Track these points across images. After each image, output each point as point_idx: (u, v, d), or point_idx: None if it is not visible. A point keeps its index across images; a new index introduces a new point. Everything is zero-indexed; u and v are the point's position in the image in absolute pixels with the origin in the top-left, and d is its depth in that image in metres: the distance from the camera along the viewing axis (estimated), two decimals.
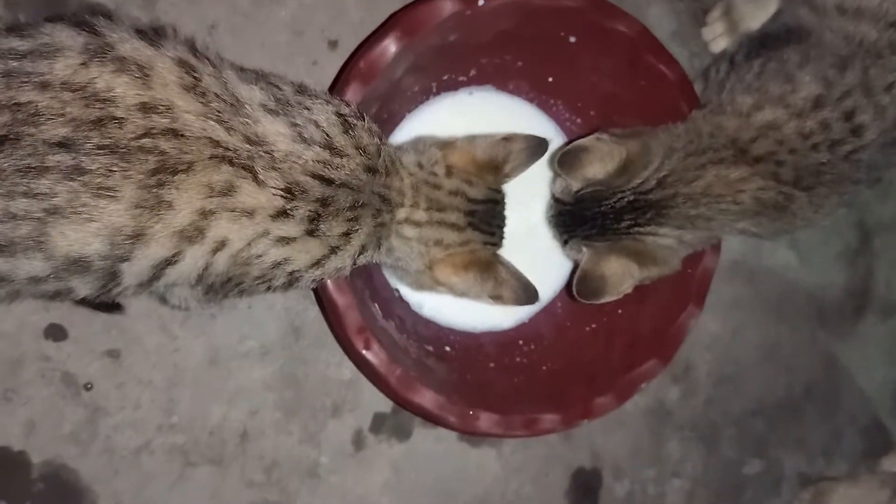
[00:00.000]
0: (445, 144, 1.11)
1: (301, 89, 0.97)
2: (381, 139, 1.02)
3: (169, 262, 0.85)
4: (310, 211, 0.91)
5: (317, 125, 0.93)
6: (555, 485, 1.48)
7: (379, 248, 1.04)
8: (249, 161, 0.86)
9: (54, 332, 1.23)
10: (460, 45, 1.23)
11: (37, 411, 1.22)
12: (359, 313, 1.12)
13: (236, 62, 0.96)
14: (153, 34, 0.88)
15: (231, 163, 0.85)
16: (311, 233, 0.92)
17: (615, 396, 1.25)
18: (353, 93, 1.11)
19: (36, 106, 0.79)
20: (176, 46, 0.88)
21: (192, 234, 0.84)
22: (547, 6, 1.21)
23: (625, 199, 1.15)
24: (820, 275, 1.67)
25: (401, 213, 1.04)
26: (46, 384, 1.23)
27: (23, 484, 1.22)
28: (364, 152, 0.97)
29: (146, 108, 0.82)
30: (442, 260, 1.07)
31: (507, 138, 1.12)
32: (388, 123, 1.29)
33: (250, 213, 0.87)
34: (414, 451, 1.40)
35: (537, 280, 1.40)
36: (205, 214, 0.84)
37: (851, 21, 1.21)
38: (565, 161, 1.13)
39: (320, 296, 1.15)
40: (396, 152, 1.06)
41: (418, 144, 1.11)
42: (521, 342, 1.39)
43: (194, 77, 0.86)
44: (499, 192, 1.15)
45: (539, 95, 1.40)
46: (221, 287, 0.94)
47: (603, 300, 1.14)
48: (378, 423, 1.38)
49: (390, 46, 1.13)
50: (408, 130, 1.32)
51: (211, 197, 0.84)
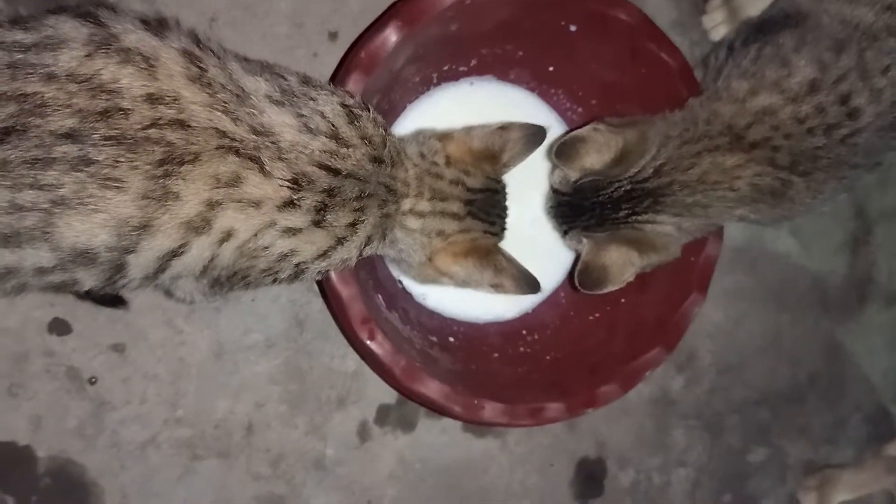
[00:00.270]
0: (444, 135, 1.11)
1: (306, 80, 0.97)
2: (386, 130, 1.02)
3: (175, 254, 0.85)
4: (317, 201, 0.90)
5: (322, 116, 0.93)
6: (559, 474, 1.48)
7: (384, 240, 1.04)
8: (256, 152, 0.86)
9: (58, 327, 1.23)
10: (461, 35, 1.23)
11: (42, 406, 1.22)
12: (363, 304, 1.12)
13: (239, 54, 0.96)
14: (157, 25, 0.88)
15: (237, 153, 0.85)
16: (318, 223, 0.92)
17: (620, 385, 1.25)
18: (355, 83, 1.11)
19: (42, 97, 0.79)
20: (180, 38, 0.88)
21: (199, 225, 0.84)
22: None
23: (622, 189, 1.15)
24: (822, 263, 1.67)
25: (406, 204, 1.04)
26: (51, 379, 1.23)
27: (29, 479, 1.22)
28: (369, 143, 0.97)
29: (152, 99, 0.81)
30: (442, 249, 1.07)
31: (504, 127, 1.12)
32: (390, 114, 1.29)
33: (257, 204, 0.87)
34: (419, 443, 1.40)
35: (540, 270, 1.40)
36: (211, 205, 0.84)
37: (848, 4, 1.21)
38: (563, 152, 1.13)
39: (324, 287, 1.15)
40: (400, 143, 1.06)
41: (419, 136, 1.11)
42: (525, 332, 1.39)
43: (199, 68, 0.86)
44: (498, 182, 1.15)
45: (540, 85, 1.40)
46: (228, 280, 0.94)
47: (606, 290, 1.14)
48: (383, 415, 1.38)
49: (391, 36, 1.12)
50: (409, 121, 1.32)
51: (217, 188, 0.84)
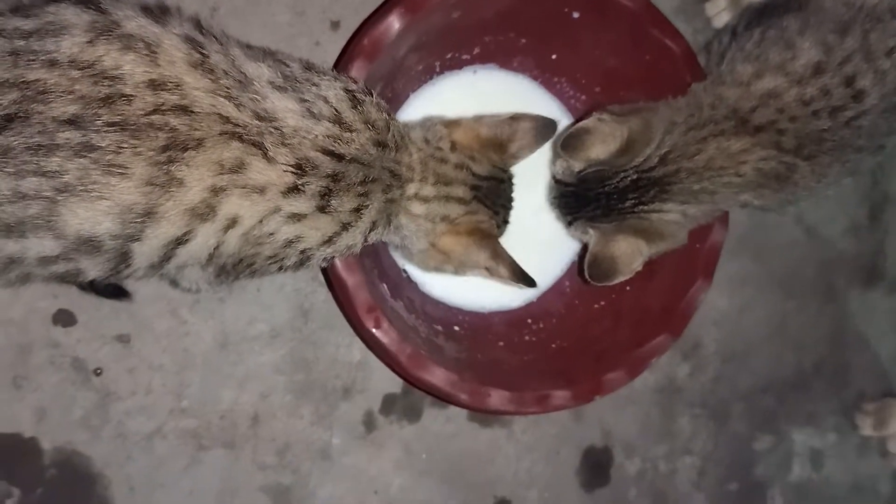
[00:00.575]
0: (451, 122, 1.11)
1: (308, 66, 0.97)
2: (390, 114, 1.01)
3: (180, 242, 0.85)
4: (321, 187, 0.90)
5: (325, 101, 0.93)
6: (566, 463, 1.48)
7: (389, 226, 1.04)
8: (259, 137, 0.86)
9: (63, 318, 1.23)
10: (464, 23, 1.22)
11: (47, 397, 1.22)
12: (368, 293, 1.12)
13: (241, 41, 0.96)
14: (159, 12, 0.87)
15: (241, 139, 0.85)
16: (323, 209, 0.91)
17: (626, 372, 1.25)
18: (357, 70, 1.11)
19: (44, 83, 0.78)
20: (182, 24, 0.88)
21: (204, 212, 0.84)
22: None
23: (628, 179, 1.15)
24: (828, 250, 1.67)
25: (410, 189, 1.03)
26: (56, 370, 1.23)
27: (34, 470, 1.22)
28: (373, 127, 0.96)
29: (155, 85, 0.81)
30: (445, 232, 1.07)
31: (515, 117, 1.12)
32: (393, 102, 1.28)
33: (261, 190, 0.86)
34: (425, 432, 1.40)
35: (545, 259, 1.41)
36: (216, 191, 0.84)
37: None
38: (569, 144, 1.13)
39: (330, 276, 1.15)
40: (404, 128, 1.06)
41: (425, 122, 1.11)
42: (530, 321, 1.38)
43: (202, 54, 0.85)
44: (504, 172, 1.14)
45: (543, 73, 1.39)
46: (233, 268, 0.93)
47: (616, 281, 1.14)
48: (388, 405, 1.38)
49: (394, 23, 1.12)
50: (412, 109, 1.32)
51: (222, 174, 0.83)
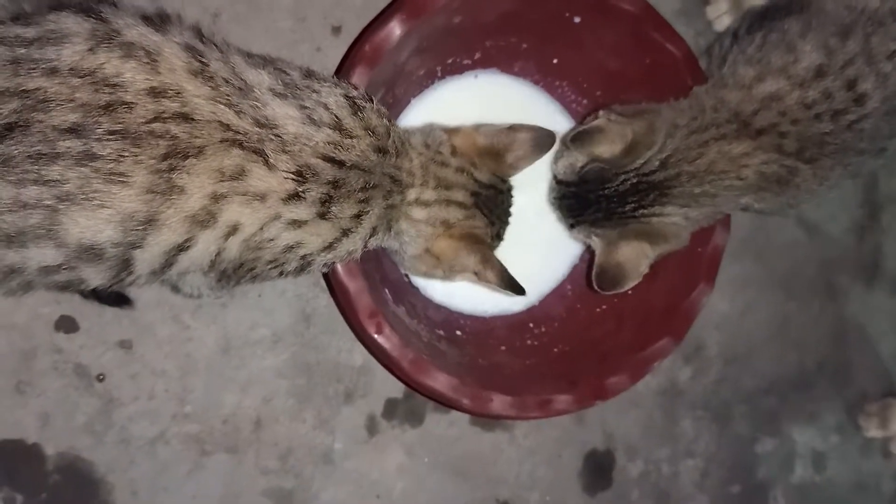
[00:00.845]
0: (451, 129, 1.11)
1: (309, 73, 0.97)
2: (390, 120, 1.02)
3: (181, 248, 0.85)
4: (322, 193, 0.90)
5: (326, 108, 0.93)
6: (568, 466, 1.48)
7: (389, 231, 1.04)
8: (260, 144, 0.86)
9: (66, 324, 1.23)
10: (465, 27, 1.23)
11: (50, 403, 1.23)
12: (370, 298, 1.12)
13: (242, 49, 0.96)
14: (159, 21, 0.88)
15: (241, 146, 0.85)
16: (323, 215, 0.92)
17: (628, 376, 1.25)
18: (359, 77, 1.11)
19: (45, 92, 0.79)
20: (182, 32, 0.88)
21: (205, 219, 0.84)
22: None
23: (628, 182, 1.15)
24: (829, 250, 1.67)
25: (411, 194, 1.03)
26: (59, 376, 1.23)
27: (38, 476, 1.22)
28: (373, 133, 0.97)
29: (156, 93, 0.81)
30: (441, 235, 1.07)
31: (513, 128, 1.12)
32: (394, 108, 1.29)
33: (262, 197, 0.87)
34: (427, 436, 1.40)
35: (547, 262, 1.42)
36: (216, 199, 0.84)
37: None
38: (579, 139, 1.13)
39: (331, 281, 1.15)
40: (405, 133, 1.06)
41: (425, 128, 1.11)
42: (532, 325, 1.38)
43: (202, 62, 0.86)
44: (503, 182, 1.14)
45: (545, 77, 1.39)
46: (234, 273, 0.94)
47: (626, 287, 1.14)
48: (391, 409, 1.38)
49: (395, 29, 1.12)
50: (414, 115, 1.32)
51: (222, 181, 0.84)
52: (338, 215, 0.93)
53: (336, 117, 0.93)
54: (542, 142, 1.13)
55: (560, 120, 1.40)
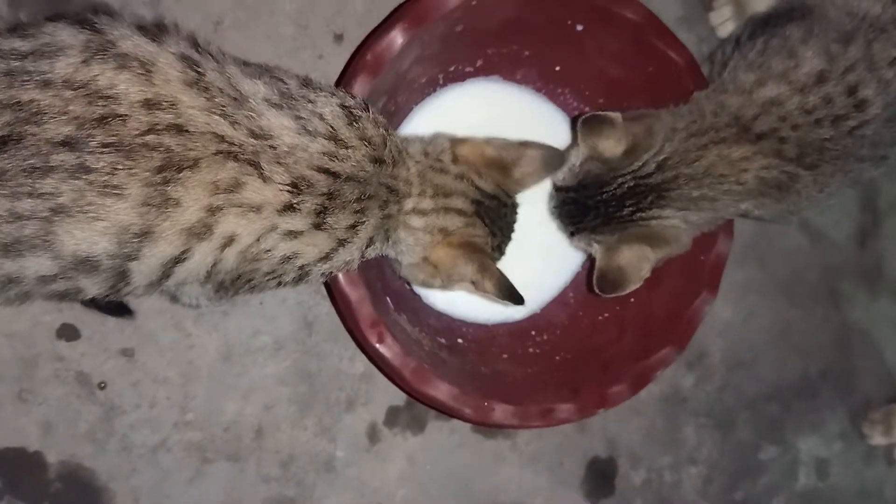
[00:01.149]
0: (456, 139, 1.10)
1: (306, 83, 0.96)
2: (388, 130, 1.01)
3: (178, 261, 0.85)
4: (316, 204, 0.90)
5: (321, 118, 0.92)
6: (570, 474, 1.48)
7: (387, 241, 1.04)
8: (254, 157, 0.86)
9: (67, 332, 1.23)
10: (467, 35, 1.22)
11: (52, 411, 1.22)
12: (371, 307, 1.12)
13: (242, 57, 0.96)
14: (155, 31, 0.87)
15: (236, 158, 0.85)
16: (319, 226, 0.91)
17: (630, 385, 1.25)
18: (361, 86, 1.11)
19: (38, 105, 0.78)
20: (178, 42, 0.87)
21: (201, 231, 0.84)
22: None
23: (625, 185, 1.15)
24: (832, 256, 1.66)
25: (408, 204, 1.03)
26: (61, 384, 1.23)
27: (40, 484, 1.22)
28: (369, 143, 0.96)
29: (150, 105, 0.81)
30: (440, 243, 1.05)
31: (523, 144, 1.11)
32: (396, 116, 1.29)
33: (257, 209, 0.86)
34: (429, 444, 1.40)
35: (548, 270, 1.41)
36: (212, 211, 0.84)
37: None
38: (589, 124, 1.12)
39: (332, 290, 1.15)
40: (403, 142, 1.05)
41: (429, 136, 1.10)
42: (534, 333, 1.38)
43: (197, 72, 0.85)
44: (508, 196, 1.12)
45: (547, 84, 1.39)
46: (232, 284, 0.94)
47: (628, 290, 1.13)
48: (392, 417, 1.37)
49: (397, 38, 1.12)
50: (415, 123, 1.32)
51: (217, 193, 0.83)
52: (333, 226, 0.93)
53: (331, 128, 0.93)
54: (551, 161, 1.12)
55: (562, 127, 1.39)
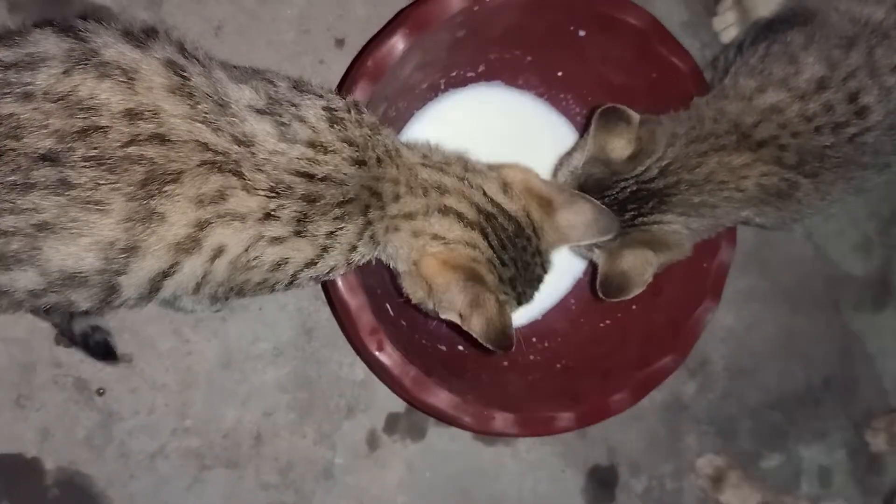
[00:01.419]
0: (499, 164, 1.04)
1: (296, 84, 0.94)
2: (375, 130, 0.96)
3: (167, 274, 0.84)
4: (295, 211, 0.87)
5: (302, 121, 0.90)
6: (571, 482, 1.47)
7: (376, 246, 0.98)
8: (237, 166, 0.84)
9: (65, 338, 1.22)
10: (469, 41, 1.22)
11: (50, 417, 1.22)
12: (371, 314, 1.11)
13: (242, 62, 0.95)
14: (143, 36, 0.85)
15: (220, 169, 0.83)
16: (299, 233, 0.89)
17: (632, 393, 1.24)
18: (362, 91, 1.10)
19: (18, 118, 0.77)
20: (165, 47, 0.86)
21: (189, 246, 0.83)
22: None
23: (627, 190, 1.14)
24: (836, 266, 1.65)
25: (393, 208, 0.96)
26: (59, 390, 1.22)
27: (37, 490, 1.22)
28: (351, 144, 0.92)
29: (131, 115, 0.79)
30: (432, 254, 0.97)
31: (579, 195, 1.06)
32: (397, 121, 1.28)
33: (242, 218, 0.85)
34: (429, 451, 1.39)
35: (550, 276, 1.40)
36: (200, 225, 0.82)
37: (858, 2, 1.20)
38: (605, 117, 1.11)
39: (332, 297, 1.14)
40: (395, 143, 0.99)
41: (435, 144, 1.04)
42: (535, 339, 1.37)
43: (182, 76, 0.83)
44: (536, 235, 1.01)
45: (549, 90, 1.38)
46: (225, 295, 0.92)
47: (631, 294, 1.12)
48: (392, 423, 1.37)
49: (398, 44, 1.11)
50: (417, 128, 1.31)
51: (203, 206, 0.82)
52: (314, 233, 0.90)
53: (313, 131, 0.90)
54: (603, 224, 1.05)
55: (564, 133, 1.39)
